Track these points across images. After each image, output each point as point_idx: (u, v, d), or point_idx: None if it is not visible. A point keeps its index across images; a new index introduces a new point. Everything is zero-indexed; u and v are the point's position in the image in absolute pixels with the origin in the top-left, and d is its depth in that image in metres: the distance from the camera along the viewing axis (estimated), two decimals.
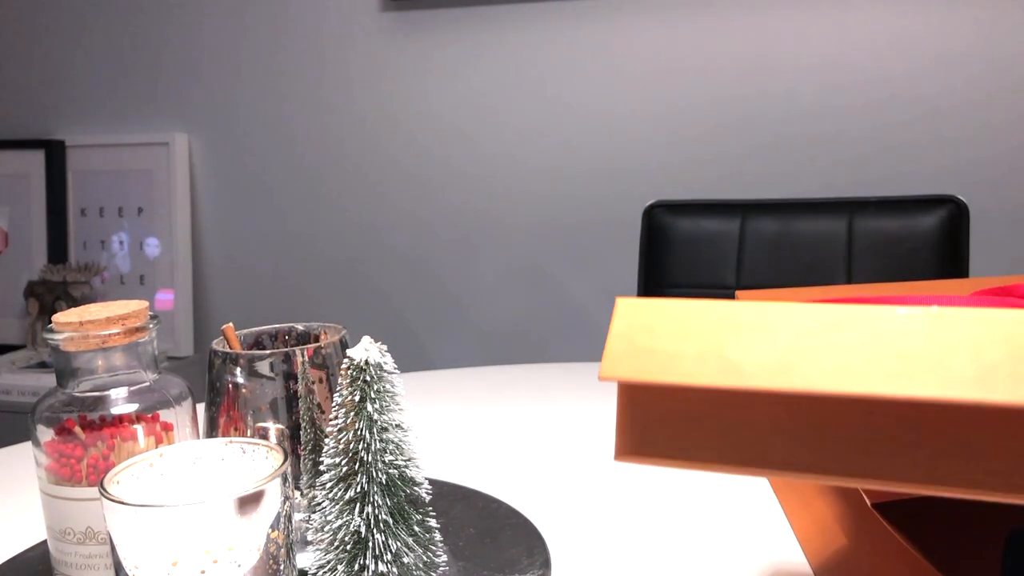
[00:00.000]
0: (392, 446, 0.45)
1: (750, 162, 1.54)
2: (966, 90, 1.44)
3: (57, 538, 0.48)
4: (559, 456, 0.70)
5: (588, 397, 0.85)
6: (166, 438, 0.49)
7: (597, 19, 1.58)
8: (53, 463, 0.47)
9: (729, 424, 0.26)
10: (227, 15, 1.78)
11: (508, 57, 1.63)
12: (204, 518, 0.37)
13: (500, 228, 1.69)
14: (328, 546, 0.45)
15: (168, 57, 1.83)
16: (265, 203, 1.82)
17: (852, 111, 1.48)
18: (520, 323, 1.70)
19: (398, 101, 1.71)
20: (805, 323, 0.25)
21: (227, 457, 0.44)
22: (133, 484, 0.41)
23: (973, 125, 1.44)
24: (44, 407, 0.48)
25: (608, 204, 1.61)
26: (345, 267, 1.79)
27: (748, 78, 1.52)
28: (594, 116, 1.61)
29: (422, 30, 1.67)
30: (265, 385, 0.50)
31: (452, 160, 1.70)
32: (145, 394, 0.49)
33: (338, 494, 0.44)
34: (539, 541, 0.54)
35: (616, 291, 1.62)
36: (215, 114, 1.82)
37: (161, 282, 1.83)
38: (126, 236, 1.86)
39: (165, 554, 0.37)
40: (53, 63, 1.91)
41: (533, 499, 0.61)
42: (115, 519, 0.38)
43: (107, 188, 1.86)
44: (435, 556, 0.47)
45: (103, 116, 1.89)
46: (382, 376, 0.45)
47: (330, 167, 1.77)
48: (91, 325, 0.47)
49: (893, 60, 1.46)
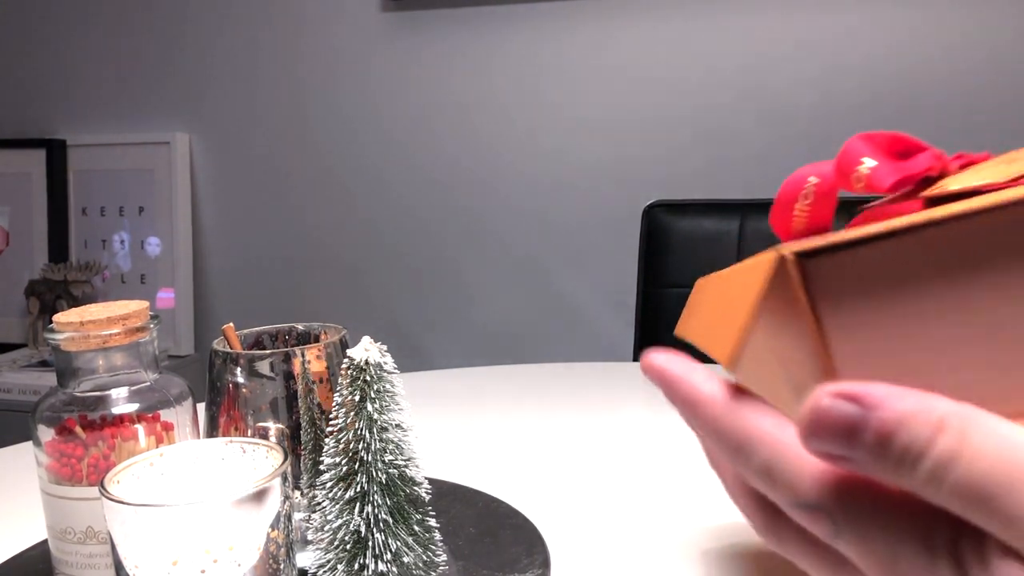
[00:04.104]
0: (392, 446, 0.45)
1: (750, 162, 1.54)
2: (967, 89, 1.43)
3: (58, 537, 0.48)
4: (559, 456, 0.70)
5: (588, 397, 0.85)
6: (167, 438, 0.49)
7: (597, 19, 1.58)
8: (54, 462, 0.47)
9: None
10: (227, 15, 1.78)
11: (508, 57, 1.63)
12: (204, 518, 0.37)
13: (500, 227, 1.69)
14: (328, 545, 0.45)
15: (169, 57, 1.83)
16: (265, 202, 1.82)
17: (852, 110, 1.48)
18: (520, 323, 1.70)
19: (398, 100, 1.71)
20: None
21: (227, 457, 0.44)
22: (133, 484, 0.41)
23: (974, 124, 1.44)
24: (45, 407, 0.48)
25: (608, 204, 1.61)
26: (346, 267, 1.79)
27: (748, 77, 1.52)
28: (594, 116, 1.61)
29: (422, 30, 1.67)
30: (265, 385, 0.50)
31: (452, 160, 1.70)
32: (146, 394, 0.49)
33: (338, 494, 0.44)
34: (539, 541, 0.54)
35: (615, 291, 1.62)
36: (216, 114, 1.82)
37: (162, 281, 1.83)
38: (127, 235, 1.86)
39: (165, 553, 0.37)
40: (54, 62, 1.91)
41: (533, 499, 0.61)
42: (115, 519, 0.38)
43: (108, 187, 1.86)
44: (435, 556, 0.47)
45: (104, 115, 1.90)
46: (382, 376, 0.45)
47: (330, 166, 1.77)
48: (92, 325, 0.47)
49: (894, 59, 1.46)
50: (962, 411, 0.22)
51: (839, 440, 0.22)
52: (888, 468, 0.22)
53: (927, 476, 0.22)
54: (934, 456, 0.21)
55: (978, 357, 0.24)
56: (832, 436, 0.22)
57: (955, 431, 0.21)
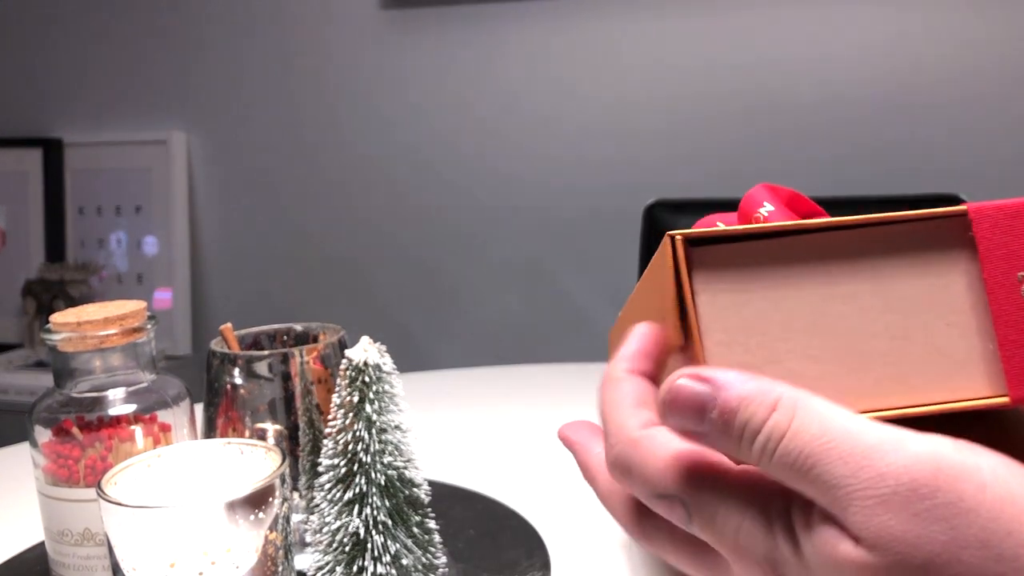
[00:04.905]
0: (391, 447, 0.45)
1: (750, 161, 1.54)
2: (967, 89, 1.43)
3: (55, 539, 0.48)
4: (559, 457, 0.70)
5: (588, 398, 0.85)
6: (164, 439, 0.49)
7: (598, 18, 1.58)
8: (51, 464, 0.47)
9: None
10: (225, 13, 1.78)
11: (507, 56, 1.63)
12: (202, 519, 0.37)
13: (500, 227, 1.69)
14: (327, 548, 0.45)
15: (166, 55, 1.83)
16: (264, 202, 1.81)
17: (853, 109, 1.48)
18: (520, 323, 1.70)
19: (397, 100, 1.70)
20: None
21: (225, 458, 0.43)
22: (131, 485, 0.41)
23: (974, 124, 1.44)
24: (42, 408, 0.48)
25: (608, 203, 1.61)
26: (345, 267, 1.79)
27: (748, 76, 1.52)
28: (594, 115, 1.61)
29: (422, 28, 1.67)
30: (263, 386, 0.50)
31: (451, 159, 1.69)
32: (143, 395, 0.49)
33: (337, 495, 0.44)
34: (538, 543, 0.54)
35: (616, 290, 1.61)
36: (213, 112, 1.82)
37: (159, 281, 1.83)
38: (124, 235, 1.85)
39: (163, 555, 0.37)
40: (50, 61, 1.91)
41: (533, 501, 0.61)
42: (113, 520, 0.38)
43: (105, 186, 1.86)
44: (434, 558, 0.46)
45: (101, 114, 1.89)
46: (381, 377, 0.44)
47: (329, 166, 1.76)
48: (89, 326, 0.47)
49: (894, 58, 1.46)
50: (795, 394, 0.25)
51: (691, 416, 0.26)
52: (732, 442, 0.25)
53: (760, 449, 0.25)
54: (766, 431, 0.25)
55: (818, 351, 0.28)
56: (685, 412, 0.26)
57: (786, 410, 0.25)
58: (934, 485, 0.23)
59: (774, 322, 0.28)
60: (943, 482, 0.23)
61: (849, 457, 0.24)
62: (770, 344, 0.28)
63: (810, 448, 0.24)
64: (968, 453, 0.24)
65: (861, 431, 0.24)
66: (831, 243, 0.28)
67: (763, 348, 0.28)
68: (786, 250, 0.28)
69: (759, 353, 0.28)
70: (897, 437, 0.24)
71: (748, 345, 0.28)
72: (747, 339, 0.28)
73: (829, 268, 0.28)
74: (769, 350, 0.28)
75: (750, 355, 0.28)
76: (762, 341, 0.28)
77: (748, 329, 0.28)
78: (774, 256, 0.28)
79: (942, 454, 0.23)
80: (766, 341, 0.28)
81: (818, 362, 0.28)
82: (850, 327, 0.28)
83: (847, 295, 0.28)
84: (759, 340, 0.28)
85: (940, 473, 0.23)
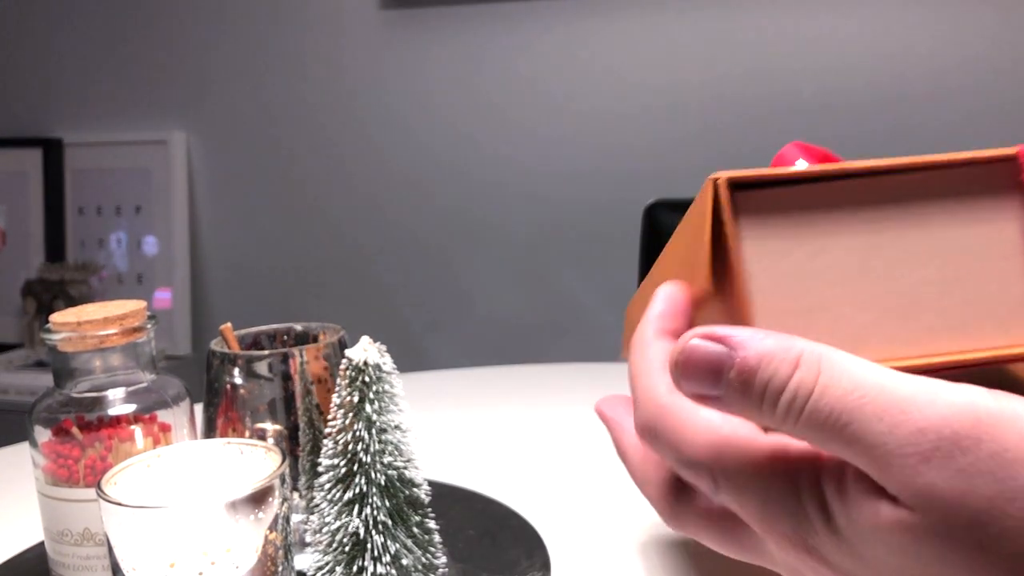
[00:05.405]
0: (391, 447, 0.45)
1: (750, 160, 1.53)
2: (968, 89, 1.43)
3: (54, 539, 0.48)
4: (559, 457, 0.70)
5: (588, 397, 0.85)
6: (164, 439, 0.49)
7: (598, 17, 1.58)
8: (51, 464, 0.47)
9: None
10: (224, 13, 1.78)
11: (508, 56, 1.63)
12: (202, 519, 0.37)
13: (499, 227, 1.68)
14: (327, 548, 0.45)
15: (166, 55, 1.83)
16: (263, 202, 1.81)
17: (853, 110, 1.48)
18: (519, 323, 1.70)
19: (397, 100, 1.70)
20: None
21: (225, 458, 0.43)
22: (131, 485, 0.41)
23: (974, 124, 1.43)
24: (42, 408, 0.48)
25: (608, 203, 1.61)
26: (345, 266, 1.79)
27: (748, 76, 1.52)
28: (594, 114, 1.61)
29: (421, 29, 1.66)
30: (263, 386, 0.50)
31: (451, 159, 1.69)
32: (143, 395, 0.49)
33: (337, 495, 0.44)
34: (538, 543, 0.54)
35: (616, 290, 1.61)
36: (213, 112, 1.82)
37: (159, 281, 1.83)
38: (124, 235, 1.85)
39: (163, 555, 0.37)
40: (50, 61, 1.91)
41: (533, 501, 0.61)
42: (113, 520, 0.38)
43: (105, 186, 1.86)
44: (434, 558, 0.46)
45: (101, 114, 1.89)
46: (381, 377, 0.44)
47: (329, 166, 1.76)
48: (88, 325, 0.47)
49: (895, 59, 1.46)
50: (818, 349, 0.24)
51: (707, 378, 0.24)
52: (752, 404, 0.24)
53: (786, 408, 0.23)
54: (791, 388, 0.23)
55: (866, 298, 0.27)
56: (700, 375, 0.24)
57: (810, 367, 0.23)
58: (975, 436, 0.22)
59: (820, 269, 0.27)
60: (984, 432, 0.22)
61: (884, 412, 0.22)
62: (817, 291, 0.27)
63: (842, 404, 0.23)
64: (1005, 400, 0.22)
65: (895, 384, 0.23)
66: (878, 187, 0.28)
67: (809, 295, 0.27)
68: (831, 195, 0.28)
69: (805, 301, 0.27)
70: (931, 388, 0.22)
71: (794, 292, 0.27)
72: (793, 286, 0.27)
73: (876, 213, 0.28)
74: (816, 297, 0.27)
75: (796, 302, 0.27)
76: (809, 288, 0.27)
77: (794, 276, 0.27)
78: (819, 201, 0.28)
79: (980, 403, 0.22)
80: (813, 288, 0.27)
81: (866, 309, 0.27)
82: (899, 273, 0.27)
83: (895, 240, 0.28)
84: (805, 287, 0.27)
85: (980, 423, 0.22)
